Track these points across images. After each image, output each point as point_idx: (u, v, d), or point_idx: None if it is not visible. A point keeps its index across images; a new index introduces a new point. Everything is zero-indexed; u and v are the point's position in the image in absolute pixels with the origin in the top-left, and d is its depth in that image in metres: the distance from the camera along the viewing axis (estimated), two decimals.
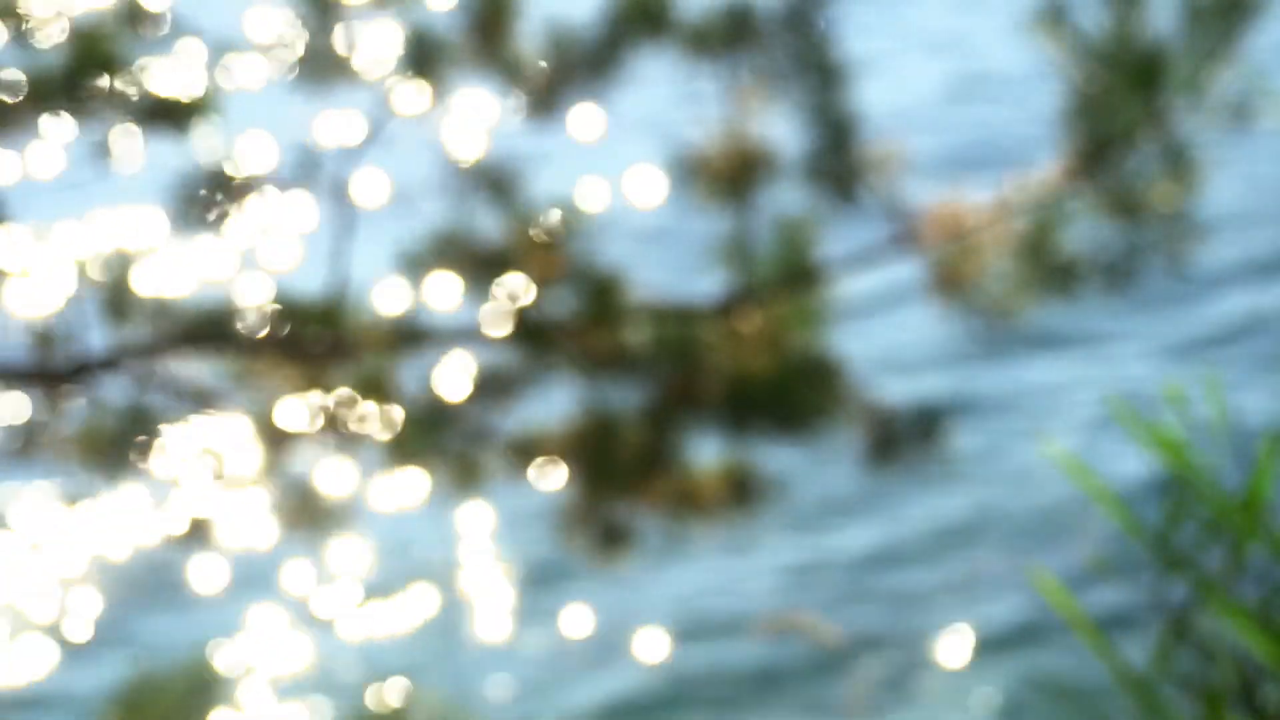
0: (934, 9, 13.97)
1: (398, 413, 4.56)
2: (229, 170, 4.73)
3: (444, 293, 4.60)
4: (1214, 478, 1.66)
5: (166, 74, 4.63)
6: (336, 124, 4.86)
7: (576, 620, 8.23)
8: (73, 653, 7.71)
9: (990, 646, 8.06)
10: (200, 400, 4.64)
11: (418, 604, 9.35)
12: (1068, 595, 1.83)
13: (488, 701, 7.80)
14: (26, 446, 4.65)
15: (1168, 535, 1.67)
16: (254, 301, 4.71)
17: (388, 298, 4.64)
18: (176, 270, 4.74)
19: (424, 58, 4.57)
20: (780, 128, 4.33)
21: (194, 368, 4.69)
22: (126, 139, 4.67)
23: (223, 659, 4.41)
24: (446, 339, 4.61)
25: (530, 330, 4.41)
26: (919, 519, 9.06)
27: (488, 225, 4.56)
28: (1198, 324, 10.50)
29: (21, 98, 4.41)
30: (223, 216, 4.70)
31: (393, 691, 4.36)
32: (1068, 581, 1.87)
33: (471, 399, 4.55)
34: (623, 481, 4.48)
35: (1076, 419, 9.65)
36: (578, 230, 4.47)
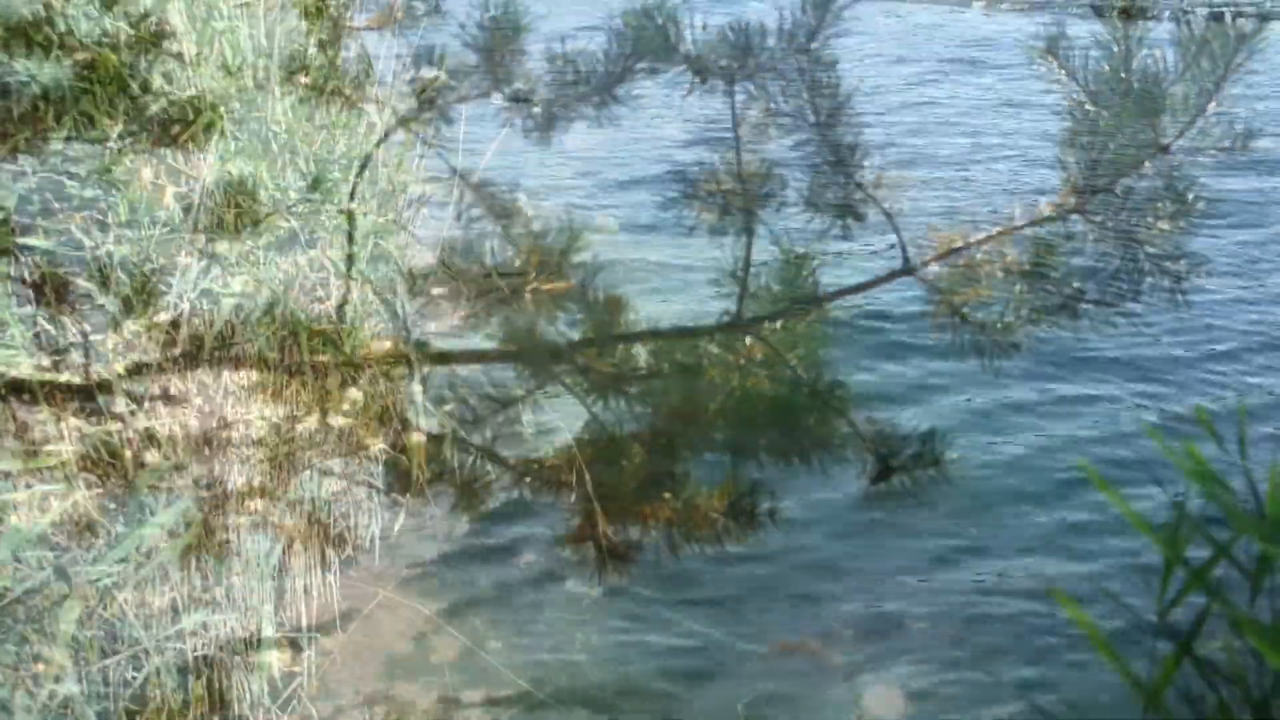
0: None
1: (402, 431, 4.58)
2: (240, 186, 4.77)
3: (450, 311, 4.63)
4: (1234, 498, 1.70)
5: (179, 90, 4.67)
6: (346, 141, 4.90)
7: None
8: None
9: None
10: (208, 417, 4.66)
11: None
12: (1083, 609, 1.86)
13: None
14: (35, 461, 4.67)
15: (1180, 549, 1.70)
16: (263, 319, 4.74)
17: (395, 315, 4.66)
18: (187, 287, 4.76)
19: (432, 77, 4.60)
20: (784, 151, 4.36)
21: (203, 384, 4.72)
22: (139, 154, 4.70)
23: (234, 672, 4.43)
24: (452, 358, 4.63)
25: (535, 350, 4.43)
26: None
27: (495, 245, 4.59)
28: None
29: (36, 113, 4.43)
30: (234, 232, 4.73)
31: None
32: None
33: (477, 418, 4.56)
34: (626, 502, 4.49)
35: None
36: (583, 251, 4.49)
